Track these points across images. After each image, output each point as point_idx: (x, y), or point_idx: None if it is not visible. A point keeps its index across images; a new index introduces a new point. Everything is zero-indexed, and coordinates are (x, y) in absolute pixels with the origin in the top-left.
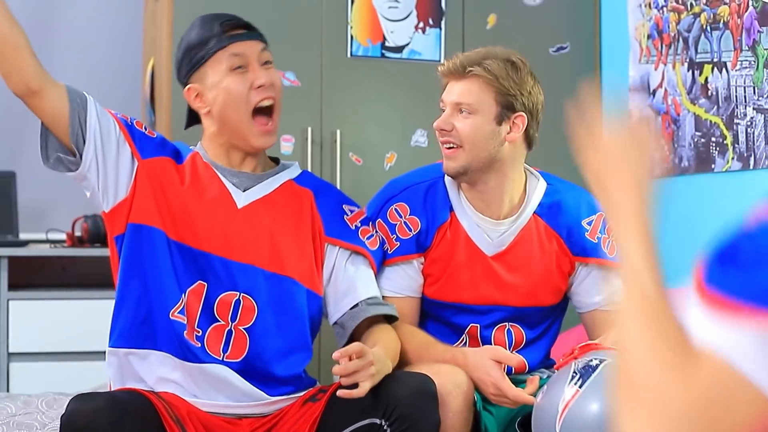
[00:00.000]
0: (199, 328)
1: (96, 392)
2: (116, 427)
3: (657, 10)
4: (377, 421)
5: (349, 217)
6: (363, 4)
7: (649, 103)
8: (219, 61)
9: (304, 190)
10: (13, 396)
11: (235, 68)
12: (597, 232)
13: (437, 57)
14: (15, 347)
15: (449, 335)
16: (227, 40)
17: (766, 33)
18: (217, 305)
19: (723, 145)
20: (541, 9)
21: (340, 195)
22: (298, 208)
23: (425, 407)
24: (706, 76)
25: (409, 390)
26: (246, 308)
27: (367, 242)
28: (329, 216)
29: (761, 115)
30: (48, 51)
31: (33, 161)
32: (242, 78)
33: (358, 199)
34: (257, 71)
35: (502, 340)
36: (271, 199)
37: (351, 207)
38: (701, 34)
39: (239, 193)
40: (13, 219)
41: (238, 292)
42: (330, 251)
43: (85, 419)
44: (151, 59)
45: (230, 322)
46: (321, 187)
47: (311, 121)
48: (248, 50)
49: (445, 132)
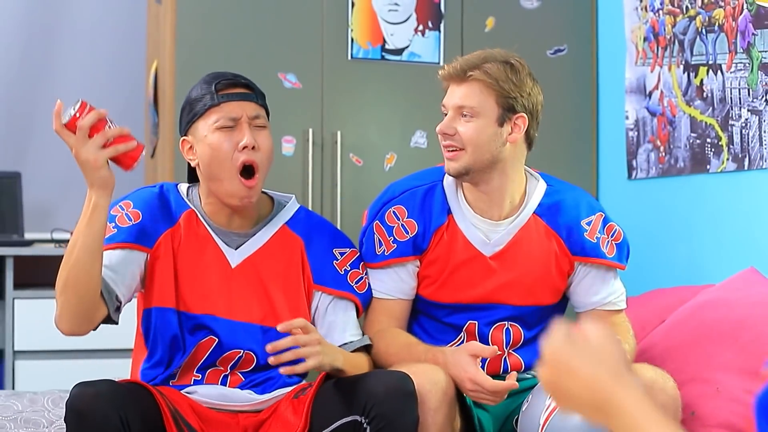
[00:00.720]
0: (199, 373)
1: (98, 380)
2: (117, 411)
3: (653, 13)
4: (358, 418)
5: (338, 262)
6: (363, 7)
7: (645, 105)
8: (209, 118)
9: (295, 238)
10: (20, 393)
11: (223, 127)
12: (596, 232)
13: (437, 59)
14: (20, 345)
15: (447, 332)
16: (220, 98)
17: (761, 35)
18: (221, 360)
19: (718, 146)
20: (538, 12)
21: (332, 237)
22: (289, 258)
23: (403, 405)
24: (702, 78)
25: (386, 388)
26: (246, 360)
27: (355, 286)
28: (318, 263)
29: (756, 116)
30: (54, 54)
31: (38, 162)
32: (228, 136)
33: (357, 199)
34: (244, 131)
35: (500, 339)
36: (264, 251)
37: (342, 249)
38: (696, 37)
39: (232, 252)
40: (19, 219)
41: (242, 350)
42: (315, 296)
43: (87, 402)
44: (155, 62)
45: (229, 370)
46: (313, 231)
47: (312, 122)
48: (239, 111)
49: (447, 136)
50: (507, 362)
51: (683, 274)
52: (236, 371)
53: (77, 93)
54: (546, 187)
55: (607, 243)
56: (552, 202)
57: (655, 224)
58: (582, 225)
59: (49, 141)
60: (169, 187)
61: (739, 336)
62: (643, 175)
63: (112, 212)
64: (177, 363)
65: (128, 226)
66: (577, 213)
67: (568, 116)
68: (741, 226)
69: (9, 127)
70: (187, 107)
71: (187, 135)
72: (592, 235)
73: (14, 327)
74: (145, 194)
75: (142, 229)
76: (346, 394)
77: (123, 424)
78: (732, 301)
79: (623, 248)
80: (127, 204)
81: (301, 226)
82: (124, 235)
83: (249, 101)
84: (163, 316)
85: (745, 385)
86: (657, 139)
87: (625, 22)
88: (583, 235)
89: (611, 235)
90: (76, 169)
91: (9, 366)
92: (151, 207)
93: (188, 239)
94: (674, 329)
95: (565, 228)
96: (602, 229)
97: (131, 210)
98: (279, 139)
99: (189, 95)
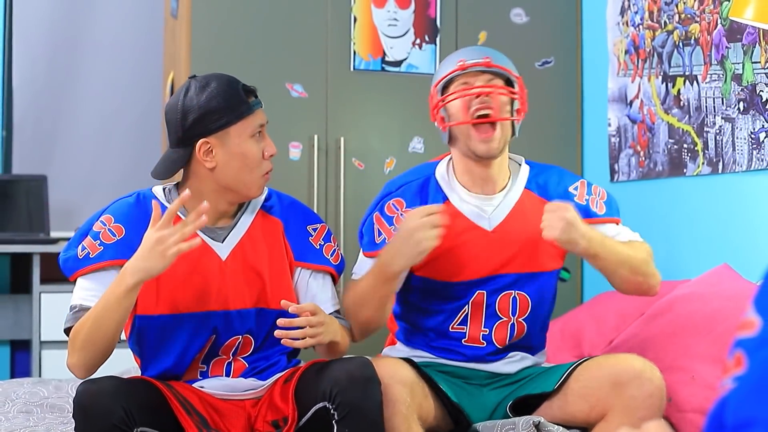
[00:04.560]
0: (203, 365)
1: (102, 377)
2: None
3: (633, 27)
4: (327, 404)
5: (313, 237)
6: (365, 23)
7: (626, 113)
8: (246, 126)
9: (274, 221)
10: (45, 381)
11: (255, 134)
12: (584, 195)
13: (432, 70)
14: (46, 336)
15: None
16: (254, 105)
17: (734, 49)
18: (222, 349)
19: (694, 151)
20: (527, 26)
21: (304, 215)
22: (273, 240)
23: (365, 390)
24: (679, 88)
25: (348, 374)
26: (245, 344)
27: (330, 258)
28: (296, 241)
29: (729, 123)
30: (77, 66)
31: (62, 166)
32: (259, 145)
33: (359, 200)
34: (267, 140)
35: (506, 308)
36: (249, 238)
37: (314, 225)
38: (674, 50)
39: (220, 246)
40: (45, 219)
41: (240, 336)
42: (296, 273)
43: (90, 399)
44: (171, 73)
45: (231, 357)
46: (288, 212)
47: (317, 129)
48: (264, 118)
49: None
50: (514, 329)
51: (661, 270)
52: (238, 357)
53: (99, 102)
54: (529, 168)
55: (596, 203)
56: (539, 176)
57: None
58: (570, 191)
59: (72, 147)
60: (146, 194)
61: (712, 327)
62: (624, 178)
63: (95, 228)
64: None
65: (114, 242)
66: (564, 182)
67: (555, 123)
68: (715, 225)
69: (36, 134)
70: (210, 114)
71: (209, 137)
72: (582, 199)
73: (41, 319)
74: (122, 206)
75: (126, 243)
76: (316, 382)
77: (128, 417)
78: (706, 296)
79: (612, 204)
80: (108, 219)
81: (277, 208)
82: (111, 251)
83: (261, 108)
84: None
85: (719, 373)
86: (637, 145)
87: (607, 36)
88: (573, 200)
89: (597, 195)
90: (97, 173)
91: (36, 355)
92: (131, 218)
93: None
94: (653, 321)
95: (557, 197)
96: (588, 192)
97: (113, 225)
98: (286, 145)
99: (209, 102)
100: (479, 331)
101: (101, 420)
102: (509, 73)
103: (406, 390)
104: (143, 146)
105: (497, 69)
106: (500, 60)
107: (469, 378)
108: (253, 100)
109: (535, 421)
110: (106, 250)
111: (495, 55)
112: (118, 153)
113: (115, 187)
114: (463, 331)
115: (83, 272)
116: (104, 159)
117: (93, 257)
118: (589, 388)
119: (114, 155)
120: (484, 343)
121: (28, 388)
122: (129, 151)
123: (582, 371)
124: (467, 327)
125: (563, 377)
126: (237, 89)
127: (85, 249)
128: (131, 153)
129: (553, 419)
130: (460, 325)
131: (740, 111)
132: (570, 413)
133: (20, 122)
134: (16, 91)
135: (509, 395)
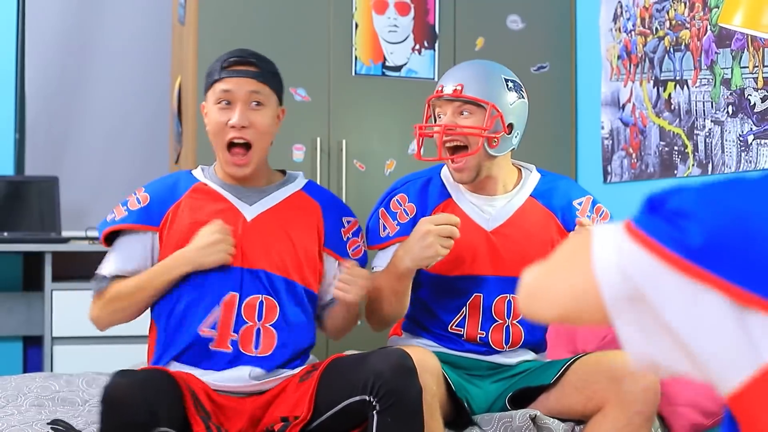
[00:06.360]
0: (234, 333)
1: (134, 369)
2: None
3: (626, 33)
4: (366, 397)
5: (345, 229)
6: (366, 29)
7: (618, 116)
8: (213, 92)
9: (313, 202)
10: (57, 375)
11: (220, 101)
12: (586, 211)
13: (432, 75)
14: (58, 332)
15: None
16: (222, 73)
17: (723, 54)
18: (244, 309)
19: (684, 153)
20: (523, 33)
21: (341, 207)
22: (307, 218)
23: (407, 380)
24: (670, 92)
25: (390, 365)
26: (269, 307)
27: (351, 253)
28: (330, 228)
29: (718, 126)
30: (88, 70)
31: (73, 168)
32: (223, 113)
33: (361, 200)
34: (236, 110)
35: (501, 310)
36: (278, 210)
37: (348, 218)
38: (665, 55)
39: (247, 207)
40: (56, 219)
41: (260, 295)
42: (326, 259)
43: (119, 393)
44: (179, 77)
45: (257, 322)
46: (327, 200)
47: (320, 132)
48: (236, 88)
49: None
50: (510, 332)
51: None
52: (266, 324)
53: (109, 106)
54: (540, 176)
55: (596, 222)
56: (547, 186)
57: None
58: (574, 204)
59: (83, 149)
60: (182, 173)
61: None
62: (617, 179)
63: (126, 197)
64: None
65: (137, 208)
66: (570, 194)
67: (550, 126)
68: None
69: (48, 137)
70: (206, 77)
71: (205, 101)
72: (583, 214)
73: (52, 315)
74: (157, 180)
75: (149, 209)
76: (351, 376)
77: (150, 414)
78: None
79: None
80: (139, 190)
81: (317, 193)
82: (134, 216)
83: (249, 78)
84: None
85: None
86: (629, 147)
87: (601, 42)
88: (575, 214)
89: (600, 214)
90: (107, 174)
91: (47, 350)
92: (159, 189)
93: (197, 205)
94: None
95: (560, 209)
96: (591, 209)
97: (142, 194)
98: (290, 147)
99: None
100: (476, 333)
101: (127, 416)
102: (477, 101)
103: (433, 379)
104: (152, 148)
105: (466, 99)
106: (475, 85)
107: (471, 369)
108: (230, 69)
109: (532, 414)
110: (129, 215)
111: (471, 81)
112: (127, 155)
113: (124, 188)
114: (461, 333)
115: (108, 232)
116: (114, 161)
117: (117, 220)
118: (586, 381)
119: (123, 157)
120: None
121: (39, 382)
122: (138, 154)
123: (579, 365)
124: (464, 329)
125: (561, 371)
126: (226, 57)
127: (113, 213)
128: (140, 155)
129: (550, 411)
130: (458, 327)
131: (729, 114)
132: (567, 405)
133: (33, 125)
134: (29, 95)
135: (509, 388)
